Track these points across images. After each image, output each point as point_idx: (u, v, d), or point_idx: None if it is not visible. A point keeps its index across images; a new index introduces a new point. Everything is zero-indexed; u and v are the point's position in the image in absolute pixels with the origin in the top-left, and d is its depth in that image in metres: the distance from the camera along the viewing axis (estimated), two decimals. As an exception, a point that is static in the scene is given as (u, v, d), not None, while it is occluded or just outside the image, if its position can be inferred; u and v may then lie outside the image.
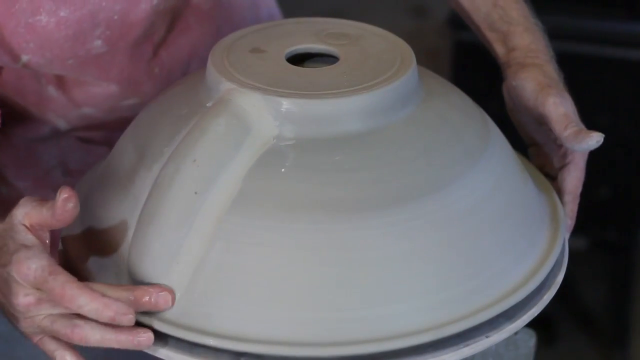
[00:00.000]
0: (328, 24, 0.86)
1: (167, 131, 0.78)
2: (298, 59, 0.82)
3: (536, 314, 0.77)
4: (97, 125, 1.00)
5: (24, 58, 0.89)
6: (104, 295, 0.71)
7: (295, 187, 0.73)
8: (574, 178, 0.89)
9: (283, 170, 0.74)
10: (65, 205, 0.72)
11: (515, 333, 0.99)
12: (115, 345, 0.72)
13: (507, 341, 0.98)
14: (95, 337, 0.72)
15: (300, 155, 0.74)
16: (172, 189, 0.73)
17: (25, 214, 0.74)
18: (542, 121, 0.88)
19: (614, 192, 1.99)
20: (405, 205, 0.73)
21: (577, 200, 0.89)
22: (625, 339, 2.03)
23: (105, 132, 1.00)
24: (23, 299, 0.72)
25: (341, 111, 0.75)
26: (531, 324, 0.99)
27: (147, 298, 0.71)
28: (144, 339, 0.71)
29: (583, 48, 1.91)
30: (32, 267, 0.71)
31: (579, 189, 0.89)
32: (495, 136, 0.83)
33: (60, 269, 0.72)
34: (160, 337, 0.72)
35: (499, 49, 0.94)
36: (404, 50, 0.82)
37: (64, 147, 1.01)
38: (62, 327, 0.72)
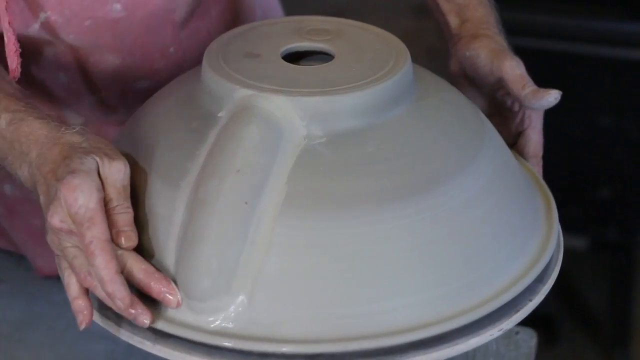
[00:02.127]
0: (313, 22, 0.86)
1: (184, 147, 0.77)
2: (293, 59, 0.82)
3: (533, 308, 0.77)
4: (107, 121, 1.00)
5: (42, 16, 0.89)
6: (118, 271, 0.70)
7: (338, 184, 0.73)
8: (534, 142, 0.91)
9: (322, 169, 0.74)
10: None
11: (517, 333, 0.99)
12: (116, 310, 0.71)
13: (508, 341, 0.98)
14: (101, 294, 0.71)
15: (334, 152, 0.75)
16: (220, 202, 0.72)
17: (115, 179, 0.73)
18: (499, 86, 0.90)
19: (615, 192, 1.99)
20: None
21: (541, 163, 0.91)
22: (626, 338, 2.03)
23: (114, 127, 1.00)
24: (58, 222, 0.71)
25: (362, 105, 0.76)
26: (532, 324, 0.99)
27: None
28: (141, 319, 0.71)
29: (583, 48, 1.91)
30: (79, 202, 0.70)
31: (541, 152, 0.92)
32: (491, 134, 0.83)
33: (100, 220, 0.70)
34: (226, 353, 0.71)
35: (452, 20, 0.96)
36: (399, 47, 0.83)
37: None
38: (79, 266, 0.72)
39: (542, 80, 0.91)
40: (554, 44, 1.89)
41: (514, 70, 0.89)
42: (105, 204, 0.72)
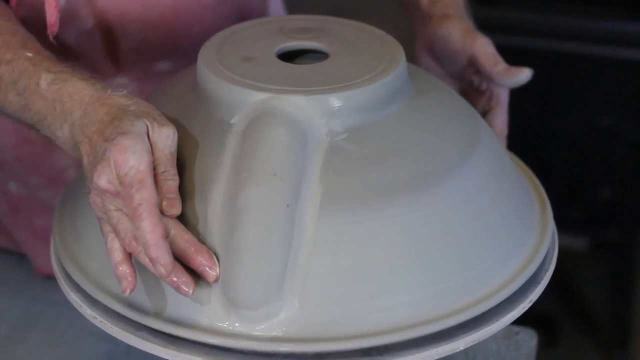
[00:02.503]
0: (298, 21, 0.87)
1: (203, 157, 0.76)
2: (287, 59, 0.82)
3: (528, 307, 0.78)
4: None
5: None
6: (164, 236, 0.69)
7: (368, 177, 0.74)
8: (501, 120, 0.93)
9: (351, 163, 0.74)
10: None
11: (517, 333, 0.99)
12: (159, 276, 0.70)
13: (509, 341, 0.98)
14: (144, 259, 0.71)
15: (359, 146, 0.75)
16: (263, 208, 0.71)
17: (164, 145, 0.72)
18: (469, 64, 0.92)
19: (615, 192, 1.99)
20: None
21: (506, 142, 0.93)
22: (627, 339, 2.03)
23: None
24: (105, 183, 0.70)
25: (377, 99, 0.77)
26: (532, 324, 0.99)
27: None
28: (184, 288, 0.70)
29: (583, 48, 1.90)
30: (129, 163, 0.70)
31: (507, 131, 0.94)
32: (486, 133, 0.84)
33: (149, 183, 0.70)
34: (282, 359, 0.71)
35: (423, 0, 0.98)
36: (390, 43, 0.83)
37: None
38: (123, 230, 0.71)
39: (542, 80, 0.92)
40: (554, 44, 1.89)
41: (485, 48, 0.91)
42: (153, 168, 0.72)
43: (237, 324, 0.71)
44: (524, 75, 0.90)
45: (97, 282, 0.77)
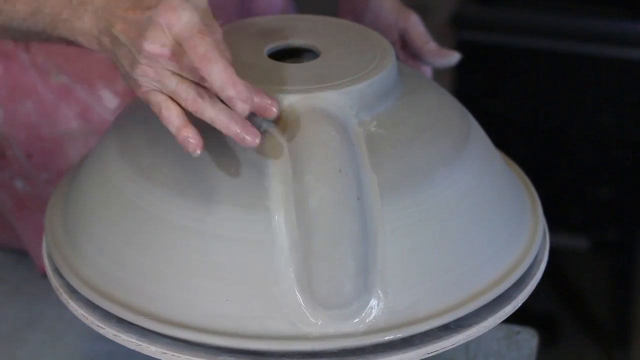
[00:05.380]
0: (281, 21, 0.87)
1: (245, 168, 0.74)
2: (277, 59, 0.82)
3: (519, 305, 0.78)
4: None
5: None
6: (235, 74, 0.69)
7: (409, 159, 0.76)
8: None
9: (390, 148, 0.76)
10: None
11: (518, 333, 0.99)
12: (224, 130, 0.71)
13: (509, 341, 0.98)
14: (210, 113, 0.71)
15: (390, 132, 0.77)
16: (338, 205, 0.72)
17: (197, 2, 0.71)
18: (398, 38, 0.94)
19: (616, 191, 1.99)
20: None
21: None
22: (627, 339, 2.03)
23: None
24: (159, 48, 0.70)
25: (388, 86, 0.79)
26: (533, 324, 0.99)
27: (262, 102, 0.72)
28: (249, 138, 0.70)
29: (583, 48, 1.91)
30: (184, 19, 0.70)
31: None
32: (476, 132, 0.84)
33: (208, 32, 0.70)
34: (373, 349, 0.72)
35: None
36: (377, 39, 0.84)
37: (91, 146, 1.01)
38: (185, 91, 0.71)
39: (542, 79, 0.91)
40: (554, 44, 1.89)
41: (418, 26, 0.93)
42: None
43: (328, 325, 0.71)
44: (453, 57, 0.93)
45: (155, 315, 0.74)
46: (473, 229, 0.77)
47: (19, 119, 0.99)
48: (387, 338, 0.71)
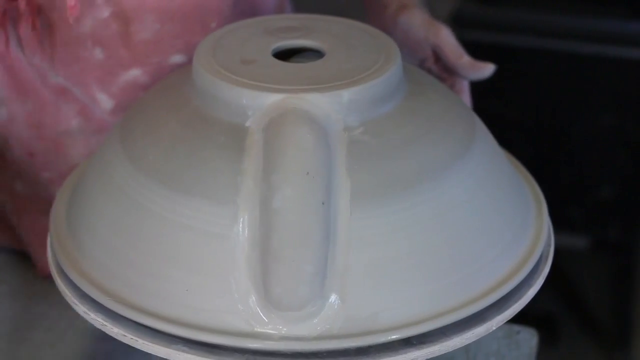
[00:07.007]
0: (286, 20, 0.87)
1: (222, 163, 0.74)
2: (282, 58, 0.82)
3: (523, 306, 0.78)
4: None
5: None
6: None
7: (388, 169, 0.75)
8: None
9: (372, 156, 0.75)
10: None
11: (517, 332, 0.99)
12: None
13: (509, 341, 0.98)
14: None
15: (376, 140, 0.76)
16: (301, 207, 0.71)
17: None
18: (430, 54, 0.95)
19: (616, 191, 1.99)
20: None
21: None
22: (628, 339, 2.03)
23: None
24: None
25: (387, 91, 0.78)
26: (533, 324, 0.99)
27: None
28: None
29: (584, 48, 1.91)
30: None
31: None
32: (481, 132, 0.84)
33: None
34: (327, 355, 0.71)
35: None
36: (385, 40, 0.84)
37: (92, 145, 1.01)
38: None
39: (542, 79, 0.92)
40: (555, 44, 1.89)
41: (450, 39, 0.93)
42: None
43: (280, 326, 0.71)
44: (487, 69, 0.93)
45: (120, 298, 0.75)
46: (456, 244, 0.75)
47: (21, 118, 0.99)
48: (339, 345, 0.70)
